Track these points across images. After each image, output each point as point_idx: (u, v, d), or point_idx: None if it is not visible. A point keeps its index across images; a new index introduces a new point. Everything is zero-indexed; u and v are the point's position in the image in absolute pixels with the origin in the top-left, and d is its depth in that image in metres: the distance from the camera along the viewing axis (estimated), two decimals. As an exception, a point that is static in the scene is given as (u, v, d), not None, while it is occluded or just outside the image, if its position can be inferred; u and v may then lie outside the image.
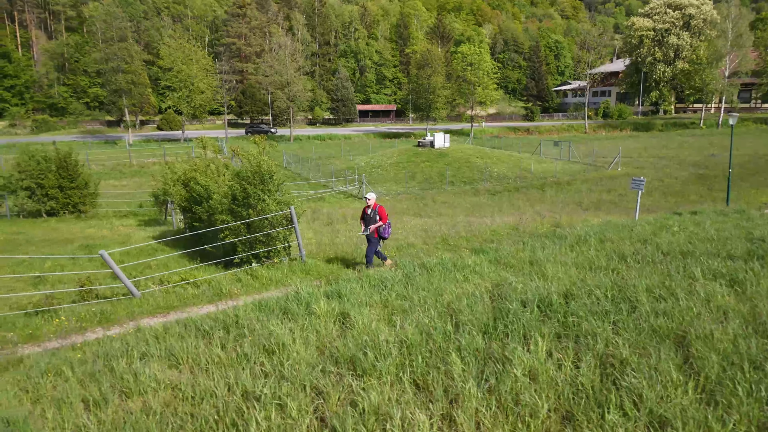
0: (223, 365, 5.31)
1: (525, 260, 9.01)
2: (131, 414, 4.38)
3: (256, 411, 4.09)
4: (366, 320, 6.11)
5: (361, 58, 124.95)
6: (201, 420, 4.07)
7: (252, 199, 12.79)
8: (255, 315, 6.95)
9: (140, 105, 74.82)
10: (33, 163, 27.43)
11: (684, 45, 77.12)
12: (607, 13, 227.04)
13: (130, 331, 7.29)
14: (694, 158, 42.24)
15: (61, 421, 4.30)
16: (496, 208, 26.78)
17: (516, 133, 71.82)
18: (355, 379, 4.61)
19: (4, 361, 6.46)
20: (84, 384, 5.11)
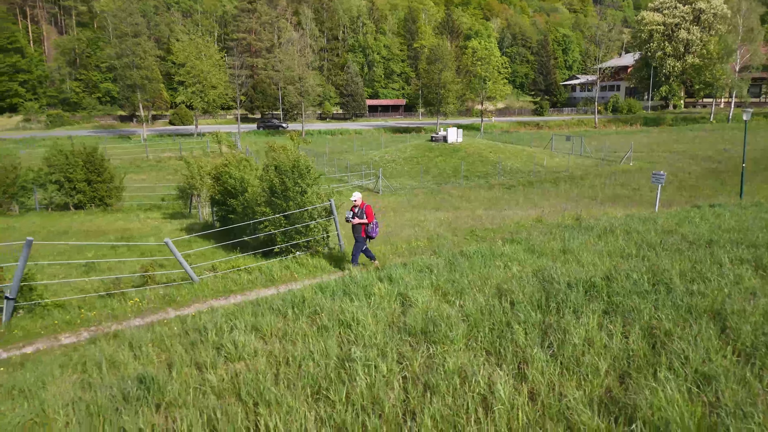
0: (307, 336, 6.01)
1: (557, 249, 9.66)
2: (240, 374, 5.08)
3: (354, 370, 4.78)
4: (424, 300, 6.80)
5: (369, 53, 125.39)
6: (308, 377, 4.77)
7: (291, 192, 13.49)
8: (319, 295, 7.65)
9: (153, 100, 75.77)
10: (62, 158, 28.26)
11: (694, 39, 77.17)
12: (615, 6, 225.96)
13: (204, 310, 8.01)
14: (706, 153, 42.62)
15: (186, 379, 5.02)
16: (512, 201, 27.39)
17: (526, 128, 72.26)
18: (430, 347, 5.30)
19: (102, 335, 7.20)
20: (188, 351, 5.83)
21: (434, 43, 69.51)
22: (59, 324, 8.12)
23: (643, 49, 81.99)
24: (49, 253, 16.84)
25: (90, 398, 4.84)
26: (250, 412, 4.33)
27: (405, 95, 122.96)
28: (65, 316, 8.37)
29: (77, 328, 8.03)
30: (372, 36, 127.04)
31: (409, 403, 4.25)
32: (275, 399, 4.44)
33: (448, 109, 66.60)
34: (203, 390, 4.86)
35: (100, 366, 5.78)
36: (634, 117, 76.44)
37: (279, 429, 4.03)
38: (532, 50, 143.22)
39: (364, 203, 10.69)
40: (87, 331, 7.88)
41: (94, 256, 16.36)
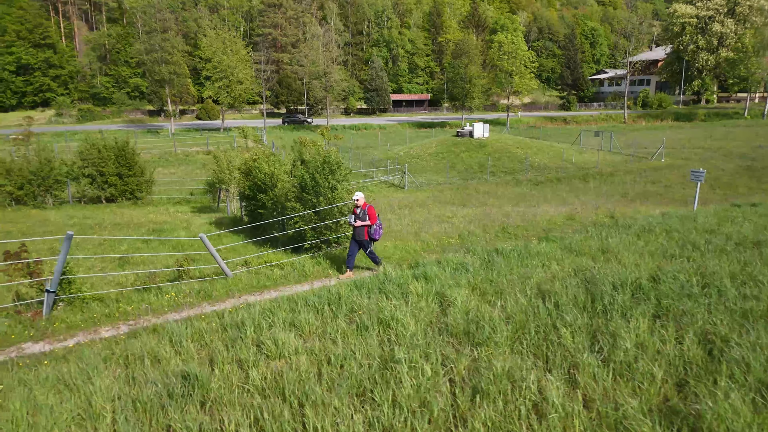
0: (346, 335, 5.96)
1: (596, 248, 9.45)
2: (282, 373, 5.05)
3: (398, 371, 4.70)
4: (462, 300, 6.70)
5: (393, 47, 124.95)
6: (352, 378, 4.71)
7: (322, 188, 13.48)
8: (354, 293, 7.60)
9: (180, 95, 76.76)
10: (94, 152, 28.77)
11: (728, 33, 75.06)
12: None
13: (240, 305, 8.02)
14: (740, 150, 41.44)
15: (228, 376, 5.01)
16: (540, 198, 27.00)
17: (553, 123, 71.24)
18: (474, 349, 5.19)
19: (141, 329, 7.27)
20: (228, 348, 5.82)
21: (460, 38, 68.83)
22: (98, 317, 8.22)
23: (674, 43, 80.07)
24: (86, 246, 17.15)
25: (135, 394, 4.86)
26: (296, 412, 4.29)
27: (429, 90, 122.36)
28: (104, 309, 8.48)
29: (116, 321, 8.13)
30: (397, 30, 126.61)
31: (458, 408, 4.16)
32: (321, 400, 4.39)
33: (473, 103, 66.01)
34: (246, 388, 4.85)
35: (142, 360, 5.82)
36: (664, 112, 74.73)
37: (327, 431, 3.98)
38: (559, 44, 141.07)
39: (366, 204, 10.35)
40: (125, 325, 7.97)
41: (127, 249, 16.61)
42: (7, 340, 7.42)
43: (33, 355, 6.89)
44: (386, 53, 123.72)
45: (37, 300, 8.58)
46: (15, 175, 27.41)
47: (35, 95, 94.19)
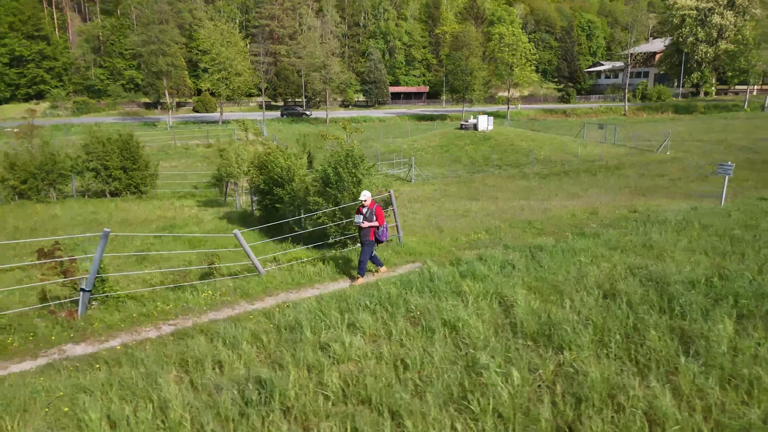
0: (411, 336, 5.76)
1: (639, 244, 9.28)
2: (358, 378, 4.84)
3: (486, 377, 4.51)
4: (523, 299, 6.51)
5: (390, 39, 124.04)
6: (440, 384, 4.51)
7: (346, 182, 13.24)
8: (404, 292, 7.40)
9: (177, 87, 75.94)
10: (99, 146, 28.37)
11: (728, 25, 75.01)
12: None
13: (283, 304, 7.81)
14: (741, 142, 41.45)
15: (304, 383, 4.80)
16: (550, 192, 26.86)
17: (553, 116, 71.08)
18: (558, 353, 5.00)
19: (188, 329, 7.04)
20: (290, 351, 5.61)
21: (460, 29, 68.37)
22: (137, 317, 7.98)
23: (674, 35, 79.95)
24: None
25: (209, 400, 4.65)
26: (390, 422, 4.08)
27: (426, 82, 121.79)
28: (140, 308, 8.23)
29: (156, 320, 7.89)
30: (394, 22, 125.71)
31: (563, 418, 3.97)
32: (412, 408, 4.19)
33: (474, 96, 65.70)
34: (325, 394, 4.64)
35: (202, 364, 5.60)
36: (664, 105, 74.72)
37: (431, 443, 3.79)
38: (556, 36, 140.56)
39: (374, 203, 9.68)
40: (167, 325, 7.73)
41: (141, 245, 16.32)
42: (47, 342, 7.17)
43: (77, 358, 6.64)
44: (383, 45, 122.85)
45: (70, 299, 8.33)
46: (19, 170, 26.97)
47: (29, 87, 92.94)
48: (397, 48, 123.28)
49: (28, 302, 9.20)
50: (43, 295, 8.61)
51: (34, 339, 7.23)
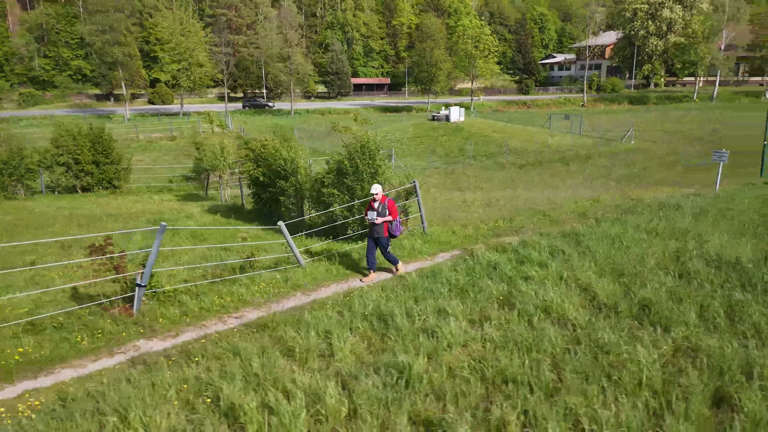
0: (510, 320, 5.97)
1: (667, 229, 9.79)
2: (482, 359, 5.02)
3: (617, 355, 4.76)
4: (600, 282, 6.83)
5: (348, 30, 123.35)
6: (574, 362, 4.73)
7: (364, 173, 13.29)
8: (469, 277, 7.61)
9: (132, 78, 73.30)
10: (69, 139, 27.22)
11: (677, 18, 78.35)
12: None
13: (347, 292, 7.88)
14: (697, 133, 43.62)
15: (429, 366, 4.94)
16: (532, 182, 27.61)
17: (515, 107, 72.60)
18: (664, 331, 5.32)
19: (259, 321, 7.02)
20: (398, 340, 5.71)
21: (423, 21, 68.71)
22: (198, 311, 7.87)
23: (626, 28, 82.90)
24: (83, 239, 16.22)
25: (356, 387, 4.71)
26: (547, 398, 4.28)
27: (385, 74, 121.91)
28: (199, 303, 8.11)
29: (218, 314, 7.81)
30: (351, 12, 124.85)
31: (712, 387, 4.26)
32: (571, 385, 4.39)
33: (438, 87, 66.33)
34: (463, 376, 4.79)
35: (311, 353, 5.64)
36: (618, 96, 77.56)
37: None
38: (510, 28, 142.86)
39: (385, 197, 9.29)
40: (231, 318, 7.67)
41: (140, 243, 15.85)
42: (118, 339, 7.00)
43: (156, 353, 6.52)
44: (341, 36, 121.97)
45: (121, 296, 8.12)
46: (-17, 165, 25.59)
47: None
48: (355, 39, 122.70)
49: (77, 300, 8.87)
50: (75, 293, 8.35)
51: (102, 337, 7.04)
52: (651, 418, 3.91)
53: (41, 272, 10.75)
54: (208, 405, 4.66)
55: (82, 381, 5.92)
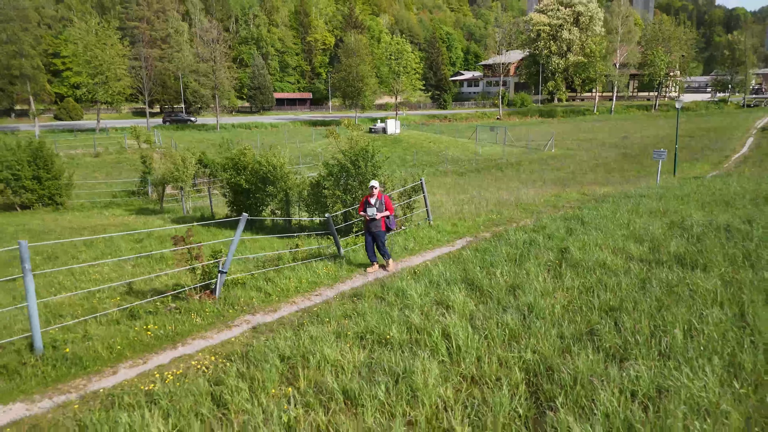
0: (581, 275, 7.39)
1: (646, 209, 11.76)
2: (572, 300, 6.37)
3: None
4: (629, 247, 8.45)
5: (262, 45, 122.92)
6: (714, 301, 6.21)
7: (367, 174, 14.36)
8: (519, 251, 8.98)
9: (36, 93, 68.89)
10: (9, 154, 25.86)
11: (575, 39, 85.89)
12: (485, 6, 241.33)
13: (410, 271, 8.95)
14: (609, 140, 48.46)
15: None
16: (480, 185, 29.69)
17: (438, 121, 75.98)
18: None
19: (353, 292, 7.93)
20: (484, 294, 6.95)
21: (350, 38, 70.57)
22: (276, 293, 8.60)
23: (531, 47, 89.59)
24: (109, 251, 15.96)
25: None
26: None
27: (302, 88, 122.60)
28: (273, 286, 8.83)
29: (298, 294, 8.59)
30: (265, 28, 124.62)
31: None
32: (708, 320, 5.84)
33: (366, 101, 68.27)
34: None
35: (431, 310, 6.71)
36: (528, 109, 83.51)
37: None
38: (420, 46, 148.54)
39: (381, 194, 9.75)
40: (313, 296, 8.48)
41: (146, 248, 15.84)
42: (226, 316, 7.64)
43: (269, 324, 7.27)
44: (256, 51, 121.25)
45: (200, 284, 8.67)
46: None
47: None
48: (270, 54, 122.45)
49: (138, 295, 9.21)
50: (176, 281, 8.83)
51: (211, 315, 7.65)
52: (732, 319, 5.43)
53: (87, 269, 10.90)
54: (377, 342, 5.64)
55: (223, 346, 6.59)
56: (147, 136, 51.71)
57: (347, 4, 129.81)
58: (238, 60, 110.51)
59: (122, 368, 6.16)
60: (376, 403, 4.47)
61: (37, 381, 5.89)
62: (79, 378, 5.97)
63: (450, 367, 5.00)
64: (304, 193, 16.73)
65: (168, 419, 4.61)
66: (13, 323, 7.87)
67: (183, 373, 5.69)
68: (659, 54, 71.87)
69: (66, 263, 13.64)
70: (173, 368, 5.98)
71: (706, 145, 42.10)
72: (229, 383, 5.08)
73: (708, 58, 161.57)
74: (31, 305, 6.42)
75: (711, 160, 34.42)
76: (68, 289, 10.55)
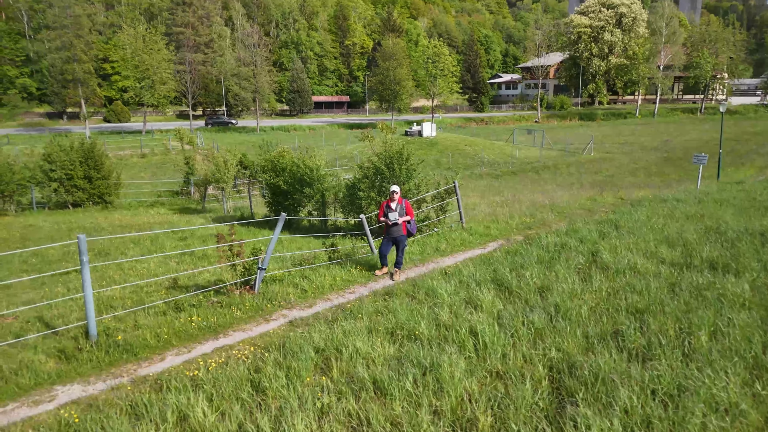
0: (611, 278, 7.46)
1: (683, 213, 11.65)
2: (599, 302, 6.47)
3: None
4: (662, 251, 8.47)
5: (302, 49, 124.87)
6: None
7: (402, 177, 14.65)
8: (554, 255, 9.08)
9: (87, 96, 72.05)
10: (62, 155, 27.20)
11: (617, 41, 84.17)
12: (525, 9, 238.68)
13: (442, 270, 9.17)
14: (651, 144, 47.39)
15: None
16: (515, 188, 29.62)
17: (474, 123, 75.69)
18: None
19: (384, 291, 8.21)
20: (512, 295, 7.11)
21: (387, 42, 71.10)
22: (312, 289, 8.96)
23: (572, 50, 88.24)
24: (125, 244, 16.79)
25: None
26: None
27: (340, 92, 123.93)
28: (309, 283, 9.20)
29: (333, 291, 8.93)
30: (305, 32, 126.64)
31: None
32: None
33: (402, 104, 68.66)
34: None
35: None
36: (568, 113, 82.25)
37: None
38: (458, 49, 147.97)
39: (401, 198, 9.61)
40: (347, 293, 8.80)
41: (189, 246, 16.56)
42: (264, 310, 8.04)
43: (305, 319, 7.62)
44: (296, 55, 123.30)
45: (240, 280, 9.10)
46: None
47: None
48: (309, 58, 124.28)
49: (180, 289, 9.74)
50: (218, 276, 9.30)
51: (250, 309, 8.07)
52: (759, 323, 5.46)
53: (135, 264, 11.53)
54: (407, 337, 5.90)
55: (262, 338, 6.97)
56: (190, 138, 53.40)
57: (386, 8, 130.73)
58: (278, 64, 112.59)
59: (169, 356, 6.60)
60: (404, 393, 4.73)
61: (92, 365, 6.39)
62: (130, 363, 6.44)
63: (476, 362, 5.23)
64: (339, 194, 17.14)
65: (211, 402, 4.98)
66: (69, 312, 8.46)
67: (225, 362, 6.08)
68: (705, 56, 69.78)
69: (116, 259, 14.41)
70: (216, 357, 6.38)
71: (752, 149, 40.74)
72: (267, 371, 5.43)
73: (758, 60, 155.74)
74: (87, 294, 6.95)
75: (757, 164, 33.30)
76: (118, 282, 11.22)
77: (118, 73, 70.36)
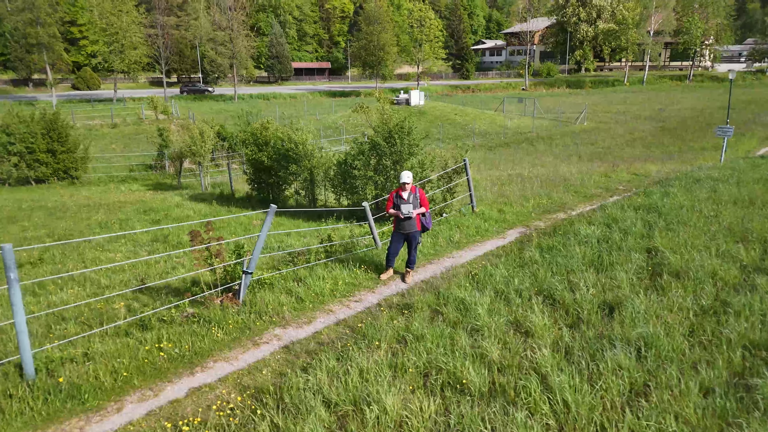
0: (686, 287, 6.00)
1: (730, 198, 10.24)
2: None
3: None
4: (737, 251, 7.02)
5: (280, 13, 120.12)
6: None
7: (403, 153, 12.96)
8: (599, 242, 7.59)
9: (54, 62, 67.97)
10: (22, 126, 24.88)
11: (605, 6, 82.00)
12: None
13: (465, 266, 7.64)
14: (644, 113, 46.07)
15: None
16: (511, 161, 28.10)
17: (462, 92, 73.46)
18: None
19: (401, 302, 6.65)
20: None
21: (370, 5, 67.99)
22: (310, 297, 7.38)
23: (558, 14, 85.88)
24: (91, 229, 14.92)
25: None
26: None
27: (319, 58, 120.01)
28: (305, 288, 7.60)
29: (333, 299, 7.39)
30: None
31: None
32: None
33: (386, 71, 66.07)
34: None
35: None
36: (555, 80, 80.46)
37: None
38: (441, 14, 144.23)
39: (415, 187, 7.92)
40: (352, 302, 7.27)
41: (164, 231, 14.74)
42: (253, 329, 6.45)
43: (304, 342, 6.07)
44: (273, 19, 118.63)
45: (222, 287, 7.47)
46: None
47: None
48: (288, 23, 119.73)
49: (150, 293, 8.08)
50: (195, 275, 7.66)
51: (234, 329, 6.45)
52: None
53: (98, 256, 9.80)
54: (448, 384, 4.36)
55: (251, 374, 5.39)
56: (164, 106, 50.54)
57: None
58: (255, 28, 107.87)
59: (129, 403, 5.00)
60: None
61: (24, 421, 4.76)
62: (75, 417, 4.83)
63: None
64: (330, 173, 15.42)
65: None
66: (6, 341, 6.68)
67: (203, 421, 4.49)
68: (695, 21, 68.17)
69: (77, 247, 12.62)
70: (191, 406, 4.80)
71: (749, 118, 39.59)
72: (262, 444, 3.87)
73: (741, 26, 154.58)
74: (18, 322, 5.25)
75: (759, 135, 32.14)
76: (76, 280, 9.52)
77: (86, 37, 66.43)
